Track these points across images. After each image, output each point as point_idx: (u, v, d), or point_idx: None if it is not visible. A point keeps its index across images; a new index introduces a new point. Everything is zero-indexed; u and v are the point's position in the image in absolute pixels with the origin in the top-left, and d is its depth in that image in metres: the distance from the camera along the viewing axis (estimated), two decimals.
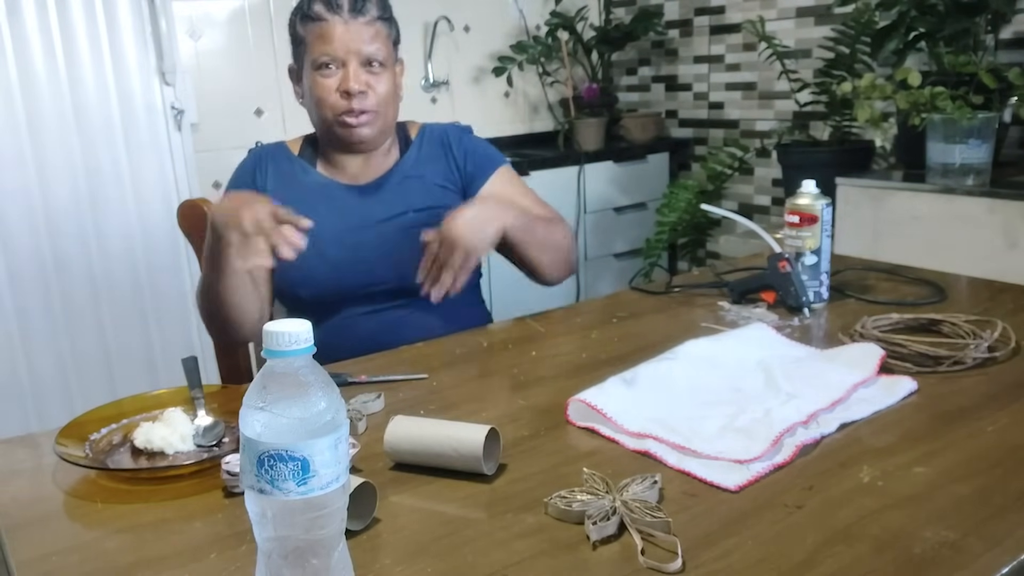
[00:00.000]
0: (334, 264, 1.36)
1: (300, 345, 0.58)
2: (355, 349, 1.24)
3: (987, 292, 1.39)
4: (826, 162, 2.52)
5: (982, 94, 2.06)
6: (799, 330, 1.23)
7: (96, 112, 2.50)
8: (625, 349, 1.18)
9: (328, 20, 1.32)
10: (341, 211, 1.39)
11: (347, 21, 1.32)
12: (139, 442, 0.93)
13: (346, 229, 1.38)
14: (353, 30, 1.32)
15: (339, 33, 1.31)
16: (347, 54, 1.32)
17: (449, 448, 0.83)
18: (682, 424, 0.90)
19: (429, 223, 1.37)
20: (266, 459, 0.58)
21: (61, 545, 0.76)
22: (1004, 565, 0.65)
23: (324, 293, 1.37)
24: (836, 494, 0.77)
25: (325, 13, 1.32)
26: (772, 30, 2.83)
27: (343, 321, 1.37)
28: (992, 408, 0.93)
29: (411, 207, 1.41)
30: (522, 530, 0.74)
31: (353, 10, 1.32)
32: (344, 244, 1.37)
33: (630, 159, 3.28)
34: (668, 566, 0.67)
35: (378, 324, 1.37)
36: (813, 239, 1.31)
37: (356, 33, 1.32)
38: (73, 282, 2.52)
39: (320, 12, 1.32)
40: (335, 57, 1.32)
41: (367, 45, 1.33)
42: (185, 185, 2.68)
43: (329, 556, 0.60)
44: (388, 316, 1.38)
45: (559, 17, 3.26)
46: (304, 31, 1.35)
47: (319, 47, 1.32)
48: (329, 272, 1.36)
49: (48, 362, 2.52)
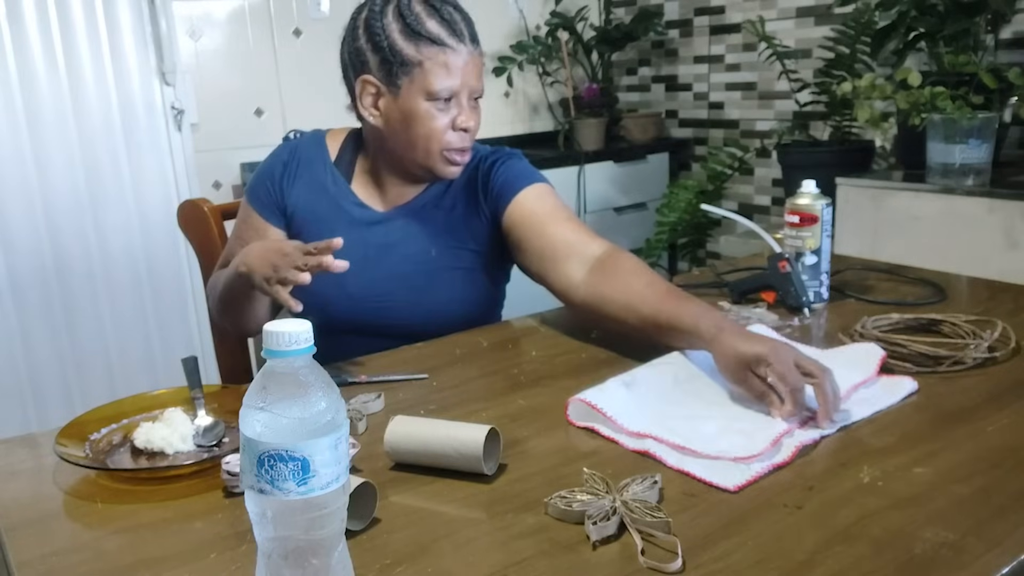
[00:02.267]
0: (351, 295, 1.29)
1: (300, 345, 0.58)
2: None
3: (987, 292, 1.39)
4: (826, 162, 2.52)
5: (982, 94, 2.06)
6: (799, 330, 1.23)
7: (96, 112, 2.50)
8: (625, 349, 1.18)
9: (453, 49, 1.21)
10: (364, 241, 1.30)
11: (471, 52, 1.22)
12: (139, 442, 0.93)
13: (367, 259, 1.29)
14: (473, 63, 1.23)
15: (463, 65, 1.22)
16: (463, 87, 1.23)
17: (449, 448, 0.83)
18: (682, 424, 0.90)
19: (452, 265, 1.33)
20: (266, 459, 0.58)
21: (61, 545, 0.76)
22: (1004, 565, 0.65)
23: (337, 322, 1.28)
24: (836, 494, 0.77)
25: (448, 39, 1.20)
26: (772, 30, 2.83)
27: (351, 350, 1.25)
28: (992, 408, 0.94)
29: (436, 243, 1.32)
30: (522, 530, 0.74)
31: (473, 40, 1.23)
32: (363, 276, 1.27)
33: (630, 159, 3.28)
34: (668, 566, 0.67)
35: None
36: (813, 239, 1.31)
37: (475, 67, 1.24)
38: (73, 282, 2.53)
39: (441, 36, 1.20)
40: (454, 91, 1.22)
41: (479, 80, 1.25)
42: (185, 185, 2.68)
43: (329, 556, 0.60)
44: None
45: (559, 17, 3.26)
46: (416, 51, 1.21)
47: (440, 78, 1.21)
48: (345, 303, 1.29)
49: (48, 362, 2.52)
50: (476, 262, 1.35)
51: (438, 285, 1.32)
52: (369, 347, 1.25)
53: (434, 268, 1.32)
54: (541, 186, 1.32)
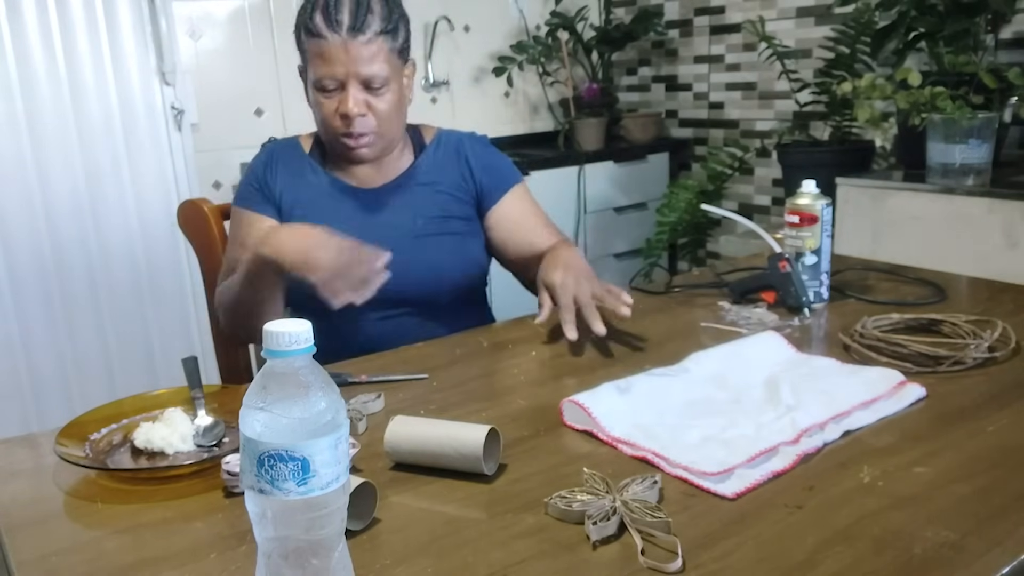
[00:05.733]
0: None
1: (300, 345, 0.58)
2: (356, 354, 1.23)
3: (987, 292, 1.39)
4: (826, 162, 2.52)
5: (982, 94, 2.06)
6: (799, 330, 1.23)
7: (96, 112, 2.50)
8: (625, 349, 1.18)
9: (327, 39, 1.25)
10: (350, 215, 1.37)
11: (346, 41, 1.24)
12: (139, 442, 0.93)
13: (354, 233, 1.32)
14: (353, 51, 1.25)
15: (338, 54, 1.25)
16: (346, 76, 1.26)
17: (449, 448, 0.83)
18: (664, 432, 0.89)
19: (439, 231, 1.37)
20: (266, 459, 0.58)
21: (61, 545, 0.76)
22: (1004, 565, 0.65)
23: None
24: (836, 494, 0.77)
25: (324, 30, 1.25)
26: (772, 30, 2.83)
27: (346, 325, 1.33)
28: (992, 408, 0.93)
29: (421, 214, 1.39)
30: (522, 530, 0.74)
31: (353, 28, 1.25)
32: None
33: (630, 159, 3.28)
34: (668, 566, 0.67)
35: (381, 330, 1.35)
36: (813, 239, 1.31)
37: (356, 54, 1.25)
38: (73, 282, 2.53)
39: (319, 28, 1.26)
40: (335, 78, 1.27)
41: (366, 66, 1.26)
42: (185, 185, 2.68)
43: (329, 556, 0.60)
44: (392, 323, 1.36)
45: (559, 17, 3.26)
46: (306, 43, 1.29)
47: (319, 67, 1.27)
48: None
49: (48, 362, 2.52)
50: (462, 229, 1.42)
51: (427, 250, 1.35)
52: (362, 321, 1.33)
53: (421, 236, 1.36)
54: (520, 187, 1.47)
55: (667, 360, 1.08)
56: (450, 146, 1.45)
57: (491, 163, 1.46)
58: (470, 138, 1.48)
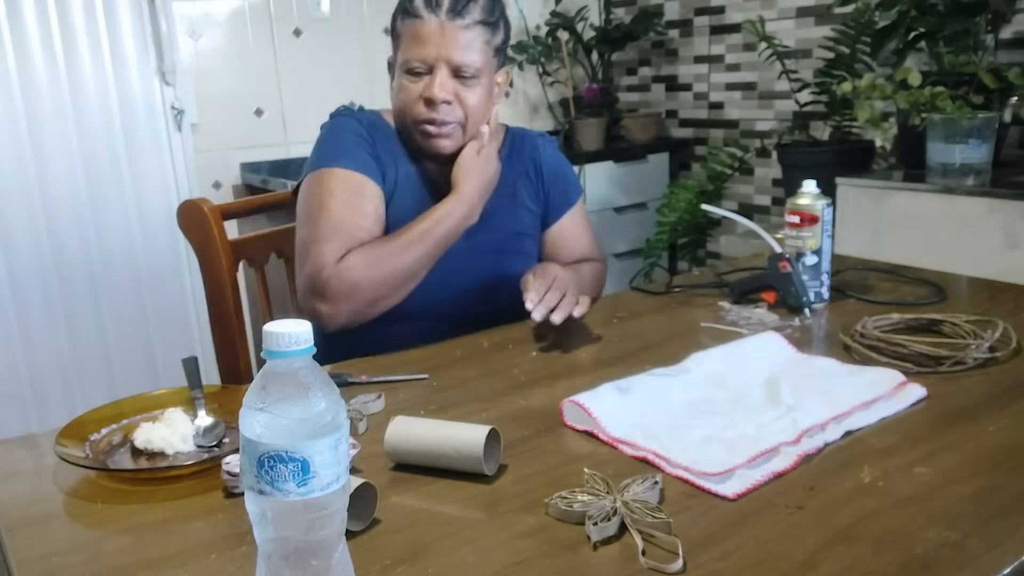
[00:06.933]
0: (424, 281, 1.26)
1: (300, 346, 0.58)
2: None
3: (987, 292, 1.39)
4: (826, 162, 2.52)
5: (982, 94, 2.06)
6: (800, 330, 1.23)
7: (96, 112, 2.50)
8: (625, 349, 1.18)
9: (424, 19, 1.22)
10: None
11: (444, 23, 1.21)
12: (139, 442, 0.93)
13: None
14: (449, 33, 1.21)
15: (433, 35, 1.21)
16: (436, 59, 1.22)
17: (450, 448, 0.83)
18: (664, 432, 0.89)
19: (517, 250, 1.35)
20: (266, 460, 0.57)
21: (61, 545, 0.76)
22: (1005, 566, 0.65)
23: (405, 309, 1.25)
24: (837, 494, 0.77)
25: (423, 10, 1.22)
26: (772, 30, 2.83)
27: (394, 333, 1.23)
28: (993, 408, 0.93)
29: (502, 228, 1.33)
30: (523, 530, 0.74)
31: (452, 11, 1.22)
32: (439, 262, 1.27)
33: (630, 159, 3.28)
34: (669, 567, 0.67)
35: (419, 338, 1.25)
36: (813, 239, 1.31)
37: (451, 37, 1.21)
38: (73, 282, 2.53)
39: (418, 8, 1.22)
40: (425, 61, 1.22)
41: (460, 53, 1.22)
42: (185, 185, 2.68)
43: (329, 557, 0.60)
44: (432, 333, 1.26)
45: (559, 17, 3.26)
46: (401, 27, 1.25)
47: (411, 48, 1.23)
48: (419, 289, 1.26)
49: (48, 362, 2.52)
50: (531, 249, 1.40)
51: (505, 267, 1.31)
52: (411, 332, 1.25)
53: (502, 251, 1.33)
54: (580, 201, 1.46)
55: (667, 360, 1.08)
56: (523, 149, 1.40)
57: (560, 172, 1.42)
58: (543, 140, 1.42)
